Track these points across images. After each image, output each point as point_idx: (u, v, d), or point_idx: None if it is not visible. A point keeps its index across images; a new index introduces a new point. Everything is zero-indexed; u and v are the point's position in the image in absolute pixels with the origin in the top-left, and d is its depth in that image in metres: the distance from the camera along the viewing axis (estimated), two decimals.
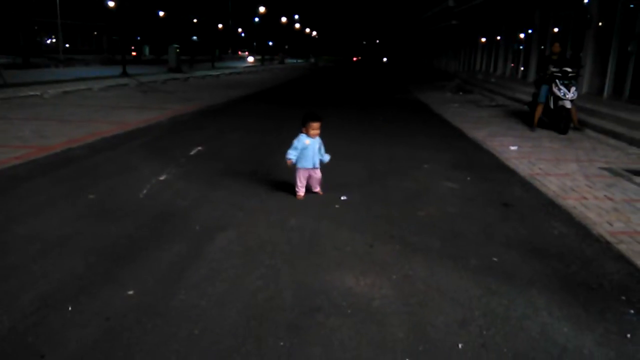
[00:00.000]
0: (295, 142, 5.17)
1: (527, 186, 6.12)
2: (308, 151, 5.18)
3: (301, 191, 5.29)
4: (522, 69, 22.06)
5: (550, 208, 5.27)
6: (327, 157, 5.38)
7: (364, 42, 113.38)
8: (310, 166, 5.23)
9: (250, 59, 58.52)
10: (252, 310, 3.05)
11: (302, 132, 5.22)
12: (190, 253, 3.86)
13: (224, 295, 3.23)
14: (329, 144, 5.50)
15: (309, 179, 5.31)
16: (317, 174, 5.34)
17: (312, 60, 76.46)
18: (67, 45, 55.39)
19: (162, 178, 6.01)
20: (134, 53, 53.88)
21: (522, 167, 7.04)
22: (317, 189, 5.42)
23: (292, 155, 5.18)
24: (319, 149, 5.30)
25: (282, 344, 2.73)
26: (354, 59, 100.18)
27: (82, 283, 3.33)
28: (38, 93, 14.40)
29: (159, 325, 2.86)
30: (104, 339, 2.73)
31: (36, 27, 52.32)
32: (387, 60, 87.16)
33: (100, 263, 3.65)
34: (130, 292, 3.22)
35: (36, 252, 3.79)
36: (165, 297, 3.17)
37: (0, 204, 4.92)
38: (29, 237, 4.07)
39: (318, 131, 5.20)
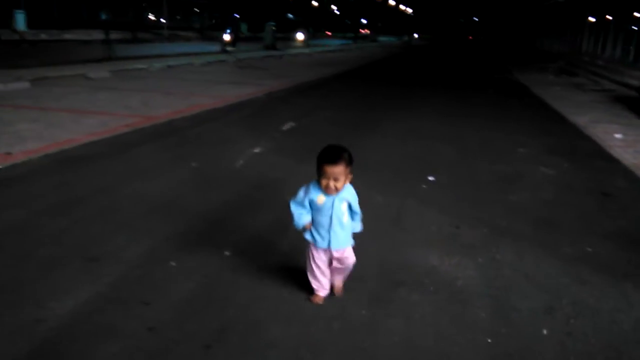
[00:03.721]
0: (301, 192, 2.88)
1: (630, 176, 5.77)
2: (321, 216, 2.83)
3: (319, 288, 2.95)
4: (634, 51, 20.38)
5: None
6: (358, 227, 2.98)
7: (461, 20, 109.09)
8: (325, 245, 2.85)
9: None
10: None
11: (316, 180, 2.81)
12: (282, 221, 4.04)
13: None
14: (420, 126, 5.37)
15: (330, 265, 2.93)
16: (345, 259, 2.92)
17: (406, 38, 74.93)
18: (166, 22, 58.01)
19: (256, 151, 6.28)
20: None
21: (627, 156, 6.62)
22: (337, 285, 3.02)
23: (293, 208, 2.90)
24: (345, 213, 2.86)
25: (364, 312, 2.84)
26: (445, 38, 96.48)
27: (184, 242, 3.62)
28: (144, 66, 15.32)
29: (251, 287, 3.06)
30: (202, 293, 2.97)
31: (144, 4, 55.34)
32: (486, 40, 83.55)
33: (199, 225, 3.94)
34: (227, 253, 3.46)
35: (142, 212, 4.15)
36: (257, 260, 3.38)
37: (111, 167, 5.40)
38: (136, 198, 4.46)
39: (341, 182, 2.75)
